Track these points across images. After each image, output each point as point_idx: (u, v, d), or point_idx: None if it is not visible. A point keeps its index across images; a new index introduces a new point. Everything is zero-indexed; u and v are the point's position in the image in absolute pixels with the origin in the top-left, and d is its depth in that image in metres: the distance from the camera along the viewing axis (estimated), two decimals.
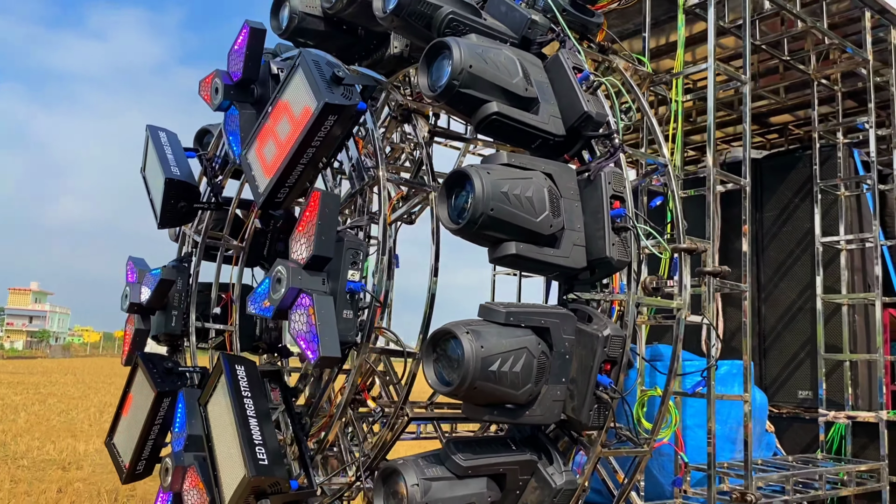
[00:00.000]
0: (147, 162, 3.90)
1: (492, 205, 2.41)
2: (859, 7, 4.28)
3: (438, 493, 2.48)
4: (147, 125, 3.94)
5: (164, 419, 3.41)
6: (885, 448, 4.06)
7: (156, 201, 3.72)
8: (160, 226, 3.77)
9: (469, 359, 2.33)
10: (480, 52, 2.67)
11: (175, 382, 3.45)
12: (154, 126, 3.94)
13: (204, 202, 3.75)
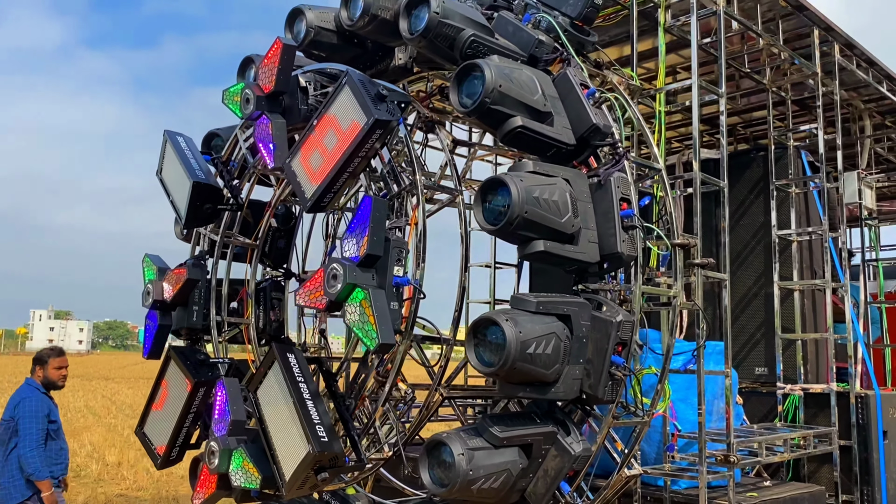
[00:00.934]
0: (165, 165, 4.09)
1: (526, 208, 2.75)
2: (808, 25, 4.78)
3: (480, 461, 2.81)
4: (165, 130, 4.13)
5: (196, 408, 3.64)
6: (836, 416, 4.60)
7: (179, 203, 3.91)
8: (185, 226, 3.97)
9: (511, 342, 2.67)
10: (507, 72, 3.00)
11: (208, 373, 3.68)
12: (171, 131, 4.13)
13: (226, 204, 3.97)
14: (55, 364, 4.79)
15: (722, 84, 3.91)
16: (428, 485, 2.86)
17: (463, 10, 3.31)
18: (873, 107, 6.09)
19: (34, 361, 4.98)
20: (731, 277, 5.40)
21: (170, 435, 3.66)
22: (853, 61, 5.24)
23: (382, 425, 3.27)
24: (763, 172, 5.31)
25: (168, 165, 4.06)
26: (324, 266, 2.88)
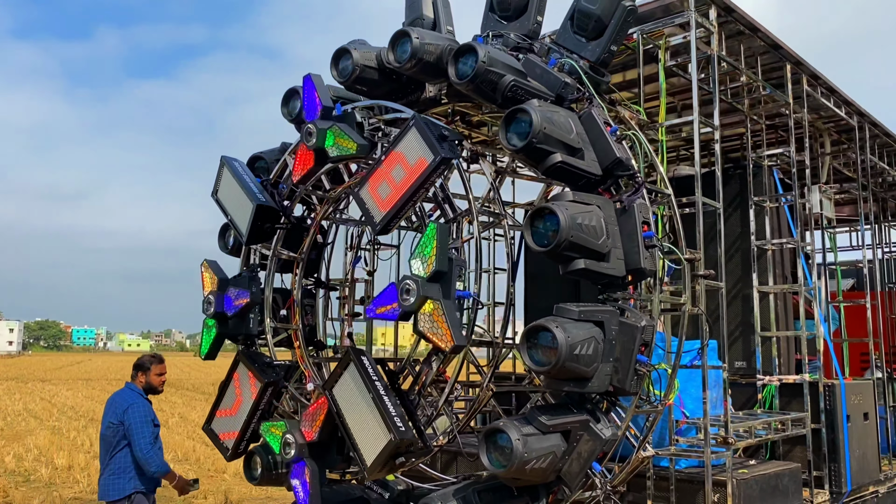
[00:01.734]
0: (222, 187, 4.50)
1: (571, 233, 3.27)
2: (781, 61, 5.41)
3: (532, 445, 3.32)
4: (222, 156, 4.54)
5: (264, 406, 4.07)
6: (808, 403, 5.24)
7: (240, 223, 4.33)
8: (247, 243, 4.39)
9: (562, 345, 3.18)
10: (549, 115, 3.51)
11: (272, 375, 4.11)
12: (228, 157, 4.54)
13: (283, 223, 4.40)
14: (157, 371, 5.22)
15: (716, 118, 4.49)
16: (487, 466, 3.36)
17: (503, 57, 3.81)
18: (832, 127, 6.78)
19: (135, 367, 5.41)
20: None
21: (239, 430, 4.08)
22: (817, 90, 5.90)
23: (437, 417, 3.76)
24: (740, 188, 5.93)
25: (225, 187, 4.47)
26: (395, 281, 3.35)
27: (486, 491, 3.58)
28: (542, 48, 4.25)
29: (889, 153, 7.66)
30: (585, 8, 4.09)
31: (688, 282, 3.95)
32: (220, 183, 4.49)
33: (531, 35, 4.37)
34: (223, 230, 4.99)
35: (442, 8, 4.81)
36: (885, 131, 7.16)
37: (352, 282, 5.62)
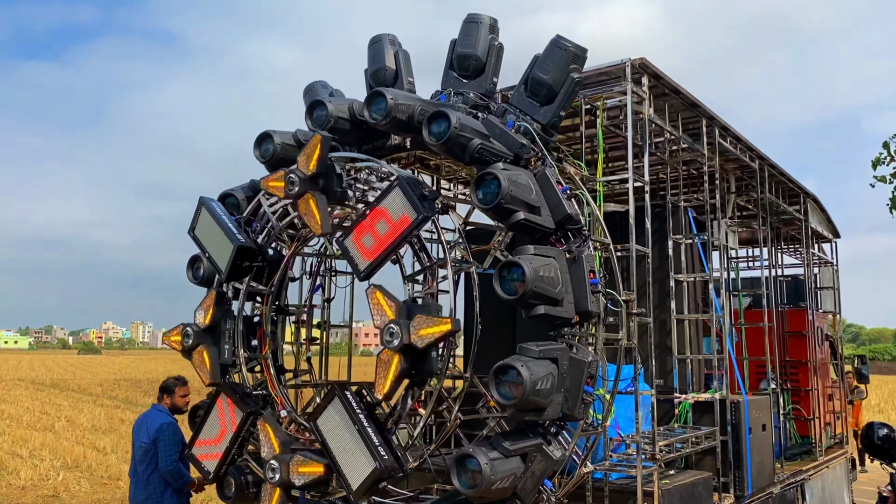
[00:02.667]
0: (199, 225, 4.77)
1: (535, 284, 3.77)
2: (698, 117, 6.12)
3: (498, 467, 3.78)
4: (200, 196, 4.81)
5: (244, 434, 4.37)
6: (718, 418, 5.96)
7: (219, 261, 4.61)
8: (226, 281, 4.67)
9: (527, 382, 3.66)
10: (514, 178, 3.99)
11: (253, 404, 4.42)
12: (206, 197, 4.82)
13: (260, 262, 4.71)
14: (181, 393, 5.75)
15: (645, 173, 5.11)
16: (458, 487, 3.80)
17: (471, 122, 4.28)
18: (737, 169, 7.61)
19: (161, 390, 5.87)
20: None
21: (221, 455, 4.38)
22: (727, 140, 6.67)
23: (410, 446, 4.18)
24: (659, 226, 6.62)
25: (203, 226, 4.74)
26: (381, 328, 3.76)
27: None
28: (498, 108, 4.74)
29: (782, 189, 8.60)
30: (538, 76, 4.61)
31: (625, 319, 4.53)
32: (198, 221, 4.76)
33: (488, 94, 4.87)
34: (192, 261, 5.24)
35: (403, 61, 5.23)
36: (780, 171, 8.07)
37: (310, 308, 5.96)
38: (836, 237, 10.79)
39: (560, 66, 4.56)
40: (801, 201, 9.02)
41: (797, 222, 9.14)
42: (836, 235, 10.75)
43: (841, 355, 10.85)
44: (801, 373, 9.05)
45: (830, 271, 10.76)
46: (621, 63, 4.95)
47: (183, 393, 5.88)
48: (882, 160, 9.98)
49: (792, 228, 9.62)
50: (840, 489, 9.34)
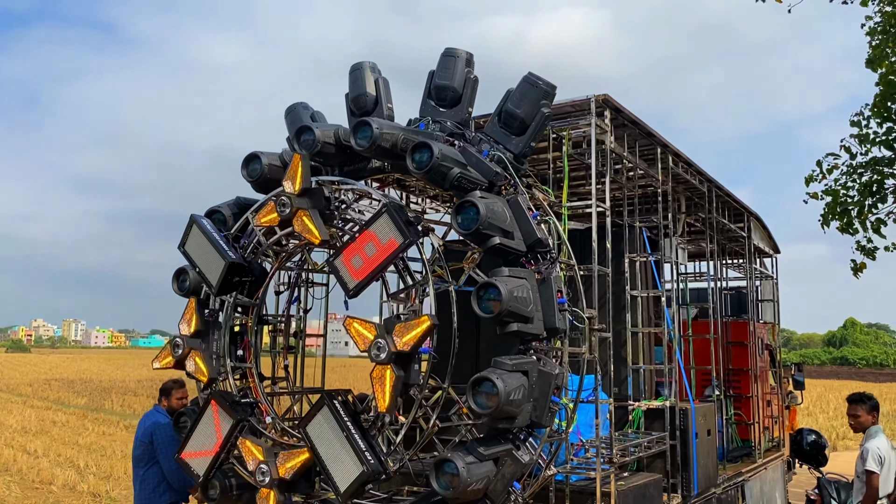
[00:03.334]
0: (190, 241, 5.00)
1: (510, 304, 4.13)
2: (654, 145, 6.59)
3: (474, 471, 4.13)
4: (191, 214, 5.04)
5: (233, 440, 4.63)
6: (668, 423, 6.43)
7: (210, 276, 4.86)
8: (216, 295, 4.92)
9: (502, 393, 4.02)
10: (490, 206, 4.35)
11: (242, 412, 4.68)
12: (196, 214, 5.06)
13: (249, 277, 4.97)
14: (178, 395, 5.94)
15: (606, 198, 5.54)
16: (437, 488, 4.13)
17: (450, 152, 4.62)
18: (686, 190, 8.13)
19: (161, 392, 6.03)
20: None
21: (210, 460, 4.62)
22: (679, 165, 7.17)
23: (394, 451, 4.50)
24: (616, 244, 7.08)
25: (193, 242, 4.97)
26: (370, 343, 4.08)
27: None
28: (474, 137, 5.10)
29: (728, 209, 9.18)
30: (511, 110, 4.98)
31: (588, 335, 4.94)
32: (189, 238, 4.99)
33: (463, 123, 5.22)
34: (177, 274, 5.45)
35: (383, 87, 5.56)
36: (726, 192, 8.63)
37: (287, 318, 6.22)
38: (777, 253, 11.49)
39: (532, 101, 4.95)
40: (745, 220, 9.63)
41: (741, 239, 9.75)
42: (777, 251, 11.44)
43: (779, 363, 11.53)
44: (742, 380, 9.65)
45: (770, 284, 11.45)
46: (586, 98, 5.37)
47: (180, 395, 6.11)
48: (815, 177, 10.63)
49: (736, 245, 10.23)
50: (776, 489, 9.97)
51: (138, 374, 51.71)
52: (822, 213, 10.34)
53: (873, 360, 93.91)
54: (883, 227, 9.91)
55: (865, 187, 9.96)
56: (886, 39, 10.04)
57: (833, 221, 10.19)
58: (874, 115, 10.22)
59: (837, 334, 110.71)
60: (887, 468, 5.97)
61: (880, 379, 63.68)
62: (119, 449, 17.04)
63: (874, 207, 9.89)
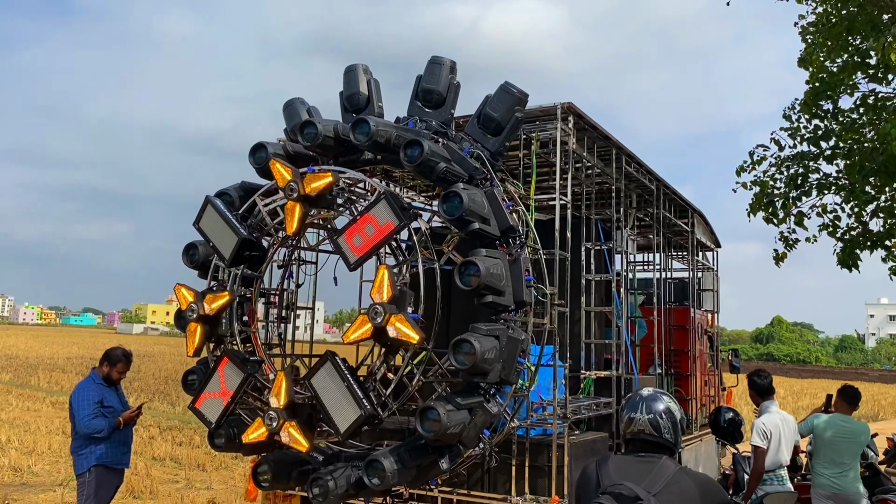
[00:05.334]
0: (205, 220, 5.63)
1: (487, 279, 4.89)
2: (610, 147, 7.42)
3: (453, 418, 4.88)
4: (206, 195, 5.68)
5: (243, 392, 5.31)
6: (615, 390, 7.29)
7: (224, 250, 5.50)
8: (228, 266, 5.58)
9: (478, 352, 4.78)
10: (472, 196, 5.10)
11: (251, 367, 5.36)
12: (210, 196, 5.69)
13: (258, 252, 5.63)
14: (121, 368, 6.40)
15: (568, 192, 6.34)
16: (421, 431, 4.87)
17: (438, 149, 5.35)
18: (637, 187, 9.00)
19: (106, 358, 6.46)
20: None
21: (221, 410, 5.30)
22: (632, 166, 8.02)
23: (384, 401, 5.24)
24: (575, 234, 7.91)
25: (208, 220, 5.60)
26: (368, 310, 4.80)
27: (412, 449, 5.12)
28: (456, 136, 5.83)
29: (674, 206, 10.10)
30: (489, 113, 5.72)
31: (549, 309, 5.74)
32: (204, 216, 5.62)
33: (447, 123, 5.95)
34: (187, 249, 6.07)
35: (374, 87, 6.26)
36: (673, 191, 9.54)
37: (281, 291, 6.90)
38: (718, 247, 12.50)
39: (507, 106, 5.70)
40: (690, 216, 10.57)
41: (685, 233, 10.69)
42: (718, 245, 12.45)
43: (717, 348, 12.57)
44: (682, 360, 10.62)
45: (711, 276, 12.46)
46: (554, 105, 6.15)
47: (123, 369, 6.55)
48: (745, 168, 11.26)
49: (681, 238, 11.18)
50: (710, 462, 10.98)
51: (68, 352, 49.58)
52: (749, 203, 11.05)
53: (797, 357, 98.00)
54: (806, 220, 10.74)
55: (791, 180, 10.69)
56: (818, 38, 10.62)
57: (759, 211, 10.90)
58: (803, 111, 10.89)
59: (765, 331, 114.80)
60: (776, 441, 6.44)
61: (803, 375, 66.77)
62: (44, 424, 16.83)
63: (798, 200, 10.69)
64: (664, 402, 3.28)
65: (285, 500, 6.92)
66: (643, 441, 3.22)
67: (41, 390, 24.83)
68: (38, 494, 10.62)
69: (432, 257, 5.35)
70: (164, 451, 14.31)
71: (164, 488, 11.21)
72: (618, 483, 3.00)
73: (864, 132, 10.81)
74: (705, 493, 3.06)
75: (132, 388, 25.21)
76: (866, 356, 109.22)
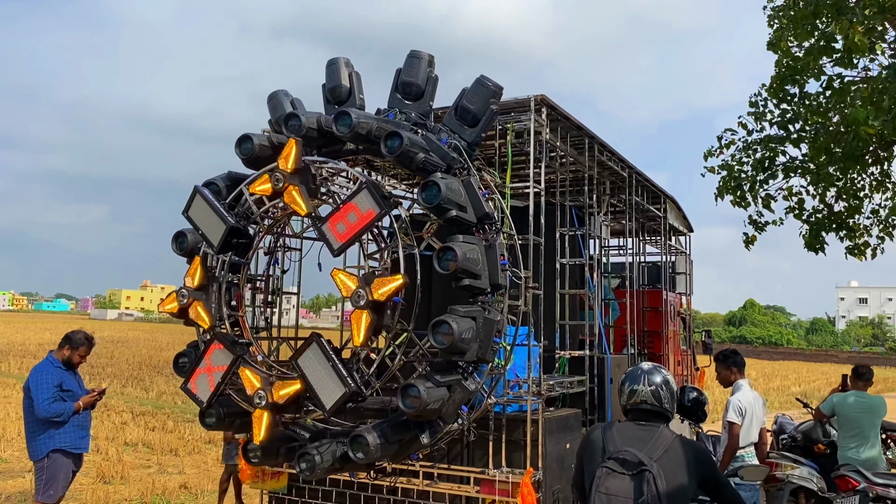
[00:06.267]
0: (193, 208, 5.83)
1: (464, 263, 5.15)
2: (583, 137, 7.69)
3: (432, 394, 5.14)
4: (195, 185, 5.87)
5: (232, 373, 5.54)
6: (588, 370, 7.60)
7: (212, 237, 5.70)
8: (217, 253, 5.78)
9: (456, 332, 5.04)
10: (449, 185, 5.34)
11: (241, 349, 5.58)
12: (199, 186, 5.89)
13: (245, 239, 5.84)
14: (83, 352, 6.23)
15: (541, 180, 6.60)
16: (402, 407, 5.13)
17: (416, 140, 5.58)
18: (610, 176, 9.29)
19: (66, 340, 6.23)
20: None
21: (212, 391, 5.53)
22: (605, 154, 8.29)
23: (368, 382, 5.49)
24: (549, 220, 8.18)
25: (196, 209, 5.79)
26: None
27: (394, 425, 5.38)
28: (434, 127, 6.05)
29: (646, 192, 10.40)
30: (466, 106, 5.95)
31: (524, 291, 6.01)
32: (193, 205, 5.81)
33: (425, 114, 6.18)
34: (177, 236, 6.26)
35: (356, 80, 6.46)
36: (645, 178, 9.83)
37: (266, 277, 7.11)
38: (690, 231, 12.84)
39: (483, 99, 5.94)
40: (662, 201, 10.88)
41: (658, 219, 11.01)
42: (690, 230, 12.79)
43: (690, 329, 12.95)
44: (656, 341, 10.97)
45: (684, 259, 12.81)
46: (527, 98, 6.40)
47: (84, 353, 6.42)
48: (713, 152, 11.47)
49: (654, 223, 11.50)
50: None
51: (40, 338, 48.44)
52: (717, 187, 11.29)
53: (769, 340, 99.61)
54: (773, 203, 11.01)
55: (759, 163, 10.92)
56: (785, 22, 10.71)
57: (727, 195, 11.13)
58: (771, 96, 11.06)
59: (738, 314, 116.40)
60: (749, 419, 6.67)
61: (774, 357, 67.89)
62: (14, 410, 16.58)
63: (765, 183, 10.95)
64: (662, 375, 3.62)
65: (273, 477, 7.17)
66: (644, 411, 3.55)
67: (11, 376, 24.53)
68: (6, 481, 10.60)
69: (412, 243, 5.59)
70: (136, 436, 14.29)
71: (135, 473, 11.24)
72: (622, 449, 3.31)
73: (829, 116, 11.02)
74: (699, 460, 3.39)
75: (105, 374, 24.99)
76: (836, 338, 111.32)
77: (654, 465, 3.17)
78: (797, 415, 16.61)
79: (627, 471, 3.21)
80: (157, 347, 44.77)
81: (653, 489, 3.12)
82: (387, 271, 5.40)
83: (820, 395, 28.79)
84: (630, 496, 3.15)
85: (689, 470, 3.27)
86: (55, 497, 6.52)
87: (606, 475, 3.23)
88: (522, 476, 5.88)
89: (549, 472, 6.22)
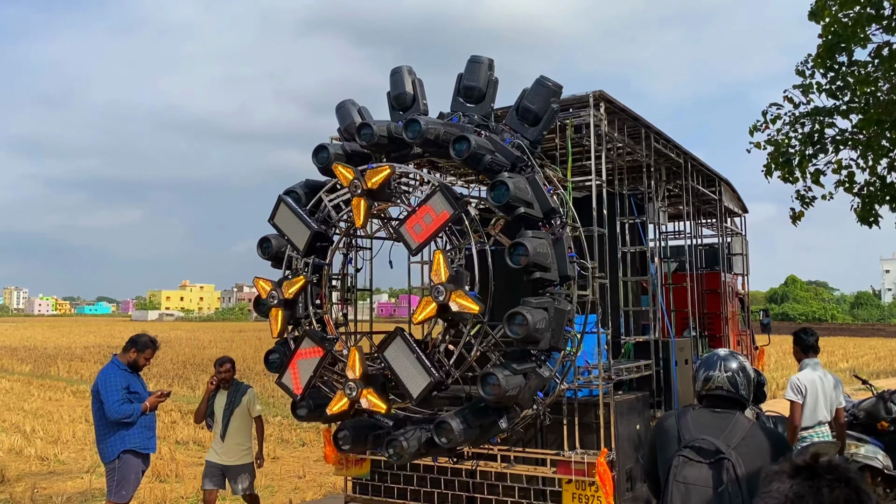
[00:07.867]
0: (279, 216, 6.19)
1: (535, 257, 5.37)
2: (639, 127, 7.79)
3: (510, 382, 5.39)
4: (279, 194, 6.23)
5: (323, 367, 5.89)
6: (653, 353, 7.74)
7: (297, 242, 6.05)
8: (303, 257, 6.14)
9: (530, 323, 5.27)
10: (516, 183, 5.55)
11: (327, 346, 5.93)
12: (282, 194, 6.24)
13: (327, 243, 6.18)
14: (148, 354, 6.50)
15: (603, 172, 6.75)
16: (482, 395, 5.40)
17: (483, 142, 5.81)
18: (666, 162, 9.35)
19: (132, 343, 6.53)
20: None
21: (305, 383, 5.89)
22: (661, 143, 8.38)
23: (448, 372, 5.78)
24: (610, 210, 8.31)
25: (282, 216, 6.15)
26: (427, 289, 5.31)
27: (475, 411, 5.65)
28: (497, 127, 6.27)
29: (701, 176, 10.41)
30: (527, 106, 6.15)
31: (591, 281, 6.20)
32: (278, 212, 6.18)
33: (487, 116, 6.40)
34: (262, 242, 6.64)
35: (419, 87, 6.72)
36: (701, 163, 9.85)
37: (343, 276, 7.45)
38: (745, 212, 12.76)
39: (543, 98, 6.13)
40: (717, 184, 10.87)
41: (713, 202, 11.00)
42: (745, 211, 12.71)
43: (748, 309, 12.88)
44: (715, 322, 10.99)
45: (740, 240, 12.74)
46: (586, 95, 6.55)
47: (149, 356, 6.55)
48: (758, 127, 11.13)
49: (709, 206, 11.49)
50: None
51: (85, 341, 49.20)
52: (764, 164, 11.00)
53: (812, 316, 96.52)
54: (822, 177, 10.69)
55: (807, 137, 10.60)
56: None
57: (775, 171, 10.85)
58: (817, 66, 10.66)
59: (779, 291, 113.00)
60: (814, 397, 6.66)
61: (820, 333, 65.44)
62: (67, 413, 16.68)
63: (814, 157, 10.64)
64: (738, 361, 3.50)
65: (357, 464, 7.54)
66: (719, 397, 3.41)
67: (61, 380, 24.77)
68: (66, 482, 10.82)
69: (482, 240, 5.83)
70: (186, 434, 14.49)
71: (189, 471, 11.40)
72: (699, 437, 3.18)
73: (879, 85, 10.65)
74: (777, 447, 3.18)
75: (151, 374, 25.07)
76: (883, 312, 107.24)
77: (733, 454, 3.07)
78: (849, 391, 16.31)
79: (705, 459, 3.11)
80: (199, 346, 43.82)
81: (732, 477, 3.00)
82: (460, 267, 5.66)
83: (870, 370, 27.78)
84: (709, 484, 3.05)
85: (767, 457, 3.09)
86: (127, 497, 6.54)
87: (684, 464, 3.13)
88: (597, 457, 6.08)
89: (621, 451, 6.40)
